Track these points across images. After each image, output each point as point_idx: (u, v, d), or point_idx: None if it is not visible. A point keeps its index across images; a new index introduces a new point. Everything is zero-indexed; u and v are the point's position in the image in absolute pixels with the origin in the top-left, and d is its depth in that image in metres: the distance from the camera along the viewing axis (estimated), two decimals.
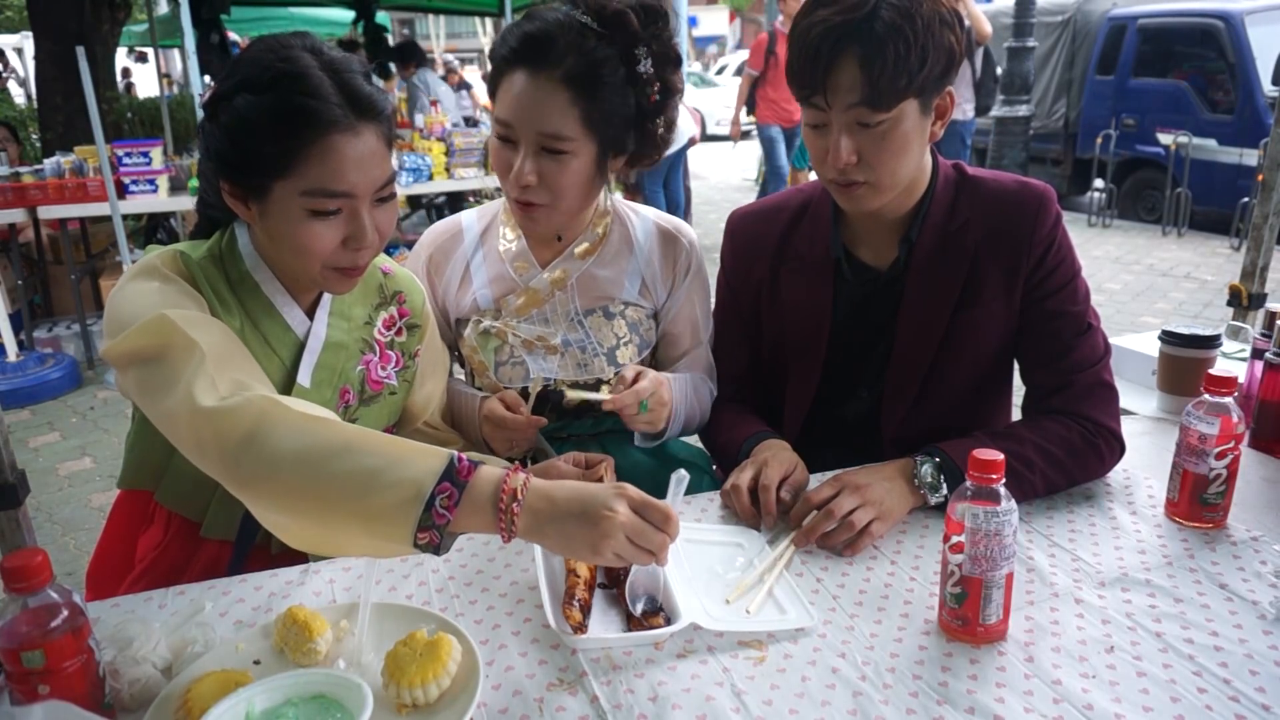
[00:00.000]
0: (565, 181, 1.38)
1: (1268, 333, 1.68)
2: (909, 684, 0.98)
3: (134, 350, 1.07)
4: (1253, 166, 7.04)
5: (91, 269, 5.51)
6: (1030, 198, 1.42)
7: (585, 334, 1.54)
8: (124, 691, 0.95)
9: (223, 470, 0.98)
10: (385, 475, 0.92)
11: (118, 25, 7.58)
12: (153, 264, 1.17)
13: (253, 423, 0.96)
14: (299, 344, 1.27)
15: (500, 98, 1.38)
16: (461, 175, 5.68)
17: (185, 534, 1.32)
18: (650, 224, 1.61)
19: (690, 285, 1.61)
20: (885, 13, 1.24)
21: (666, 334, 1.63)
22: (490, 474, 0.96)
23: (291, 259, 1.19)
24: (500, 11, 8.31)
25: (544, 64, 1.33)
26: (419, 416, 1.47)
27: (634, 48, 1.37)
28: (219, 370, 1.02)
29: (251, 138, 1.11)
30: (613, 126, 1.39)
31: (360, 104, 1.14)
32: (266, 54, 1.14)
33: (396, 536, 0.92)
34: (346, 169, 1.13)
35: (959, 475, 1.25)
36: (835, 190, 1.39)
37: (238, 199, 1.18)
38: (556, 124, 1.34)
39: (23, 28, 14.16)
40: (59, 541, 3.22)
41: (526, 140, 1.36)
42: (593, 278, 1.55)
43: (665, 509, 0.98)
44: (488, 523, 0.94)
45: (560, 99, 1.33)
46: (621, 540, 0.94)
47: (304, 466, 0.93)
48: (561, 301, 1.55)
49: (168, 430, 1.05)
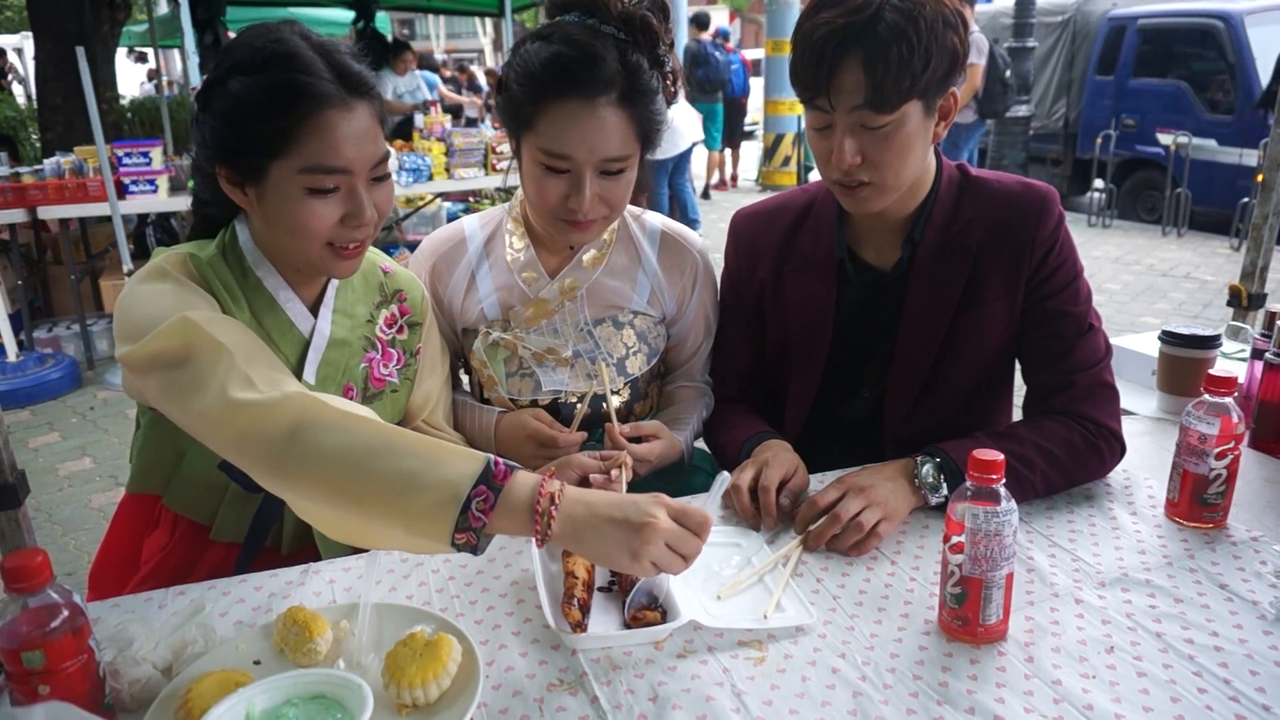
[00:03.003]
0: (621, 195, 1.38)
1: (1268, 333, 1.68)
2: (909, 684, 0.98)
3: (157, 354, 1.07)
4: (1252, 166, 7.04)
5: (91, 269, 5.51)
6: (1033, 199, 1.42)
7: (595, 344, 1.53)
8: (124, 692, 0.95)
9: (266, 463, 0.98)
10: (423, 477, 0.93)
11: (118, 25, 7.56)
12: (162, 266, 1.17)
13: (295, 418, 0.97)
14: (304, 341, 1.27)
15: (547, 129, 1.30)
16: (461, 175, 5.68)
17: (192, 536, 1.32)
18: (657, 231, 1.60)
19: (700, 294, 1.61)
20: (889, 15, 1.24)
21: (678, 336, 1.63)
22: (527, 478, 0.97)
23: (290, 242, 1.19)
24: (500, 11, 8.31)
25: (596, 89, 1.28)
26: (418, 415, 1.47)
27: (657, 49, 1.36)
28: (250, 366, 1.03)
29: (247, 118, 1.12)
30: (654, 130, 1.38)
31: (351, 80, 1.15)
32: (257, 38, 1.15)
33: (434, 535, 0.93)
34: (342, 145, 1.13)
35: (959, 475, 1.25)
36: (839, 192, 1.39)
37: (235, 185, 1.18)
38: (618, 147, 1.32)
39: (23, 28, 14.16)
40: (59, 541, 3.22)
41: (586, 168, 1.32)
42: (602, 287, 1.54)
43: (702, 515, 0.99)
44: (523, 526, 0.95)
45: (619, 120, 1.31)
46: (660, 547, 0.95)
47: (346, 464, 0.95)
48: (570, 312, 1.53)
49: (201, 429, 1.05)
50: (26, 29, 10.97)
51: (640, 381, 1.59)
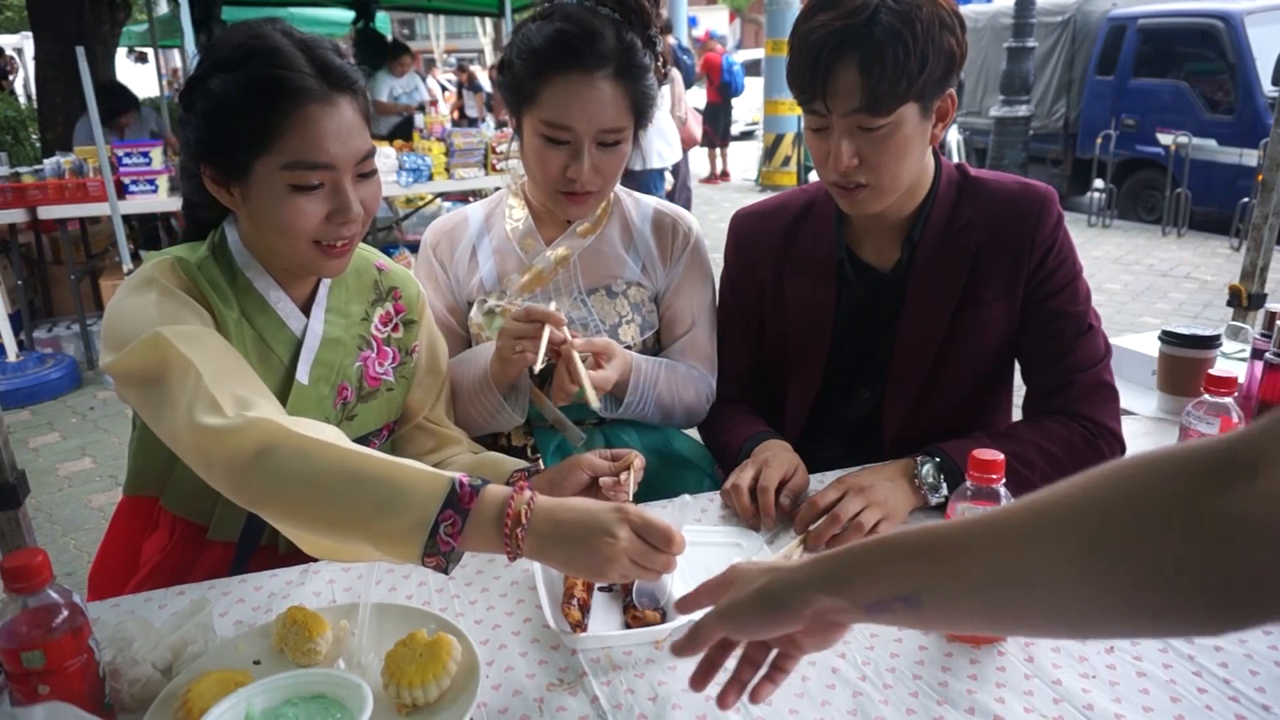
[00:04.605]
0: (616, 167, 1.46)
1: (1268, 333, 1.68)
2: (909, 684, 0.98)
3: (132, 370, 1.08)
4: (1253, 166, 7.04)
5: (91, 269, 5.51)
6: (1032, 199, 1.42)
7: (588, 312, 1.55)
8: (124, 692, 0.95)
9: (233, 487, 0.99)
10: (389, 504, 0.93)
11: (118, 25, 7.57)
12: (150, 275, 1.16)
13: (258, 445, 0.97)
14: (296, 341, 1.27)
15: (549, 101, 1.38)
16: (461, 175, 5.68)
17: (190, 537, 1.32)
18: (649, 209, 1.64)
19: (688, 267, 1.60)
20: (885, 17, 1.23)
21: (665, 316, 1.62)
22: (494, 496, 0.96)
23: (277, 240, 1.18)
24: (500, 11, 8.30)
25: (595, 63, 1.36)
26: (418, 413, 1.47)
27: (649, 29, 1.44)
28: (218, 386, 1.02)
29: (229, 115, 1.12)
30: (647, 105, 1.45)
31: (332, 75, 1.15)
32: (238, 35, 1.15)
33: (404, 557, 0.94)
34: (325, 140, 1.13)
35: (959, 475, 1.25)
36: (837, 193, 1.40)
37: (220, 184, 1.17)
38: (614, 118, 1.40)
39: (23, 28, 14.16)
40: (59, 541, 3.22)
41: (586, 138, 1.39)
42: (596, 254, 1.57)
43: (666, 530, 0.95)
44: (494, 544, 0.95)
45: (615, 93, 1.39)
46: (625, 564, 0.94)
47: (310, 490, 0.95)
48: (565, 280, 1.55)
49: (174, 447, 1.06)
50: (26, 29, 10.98)
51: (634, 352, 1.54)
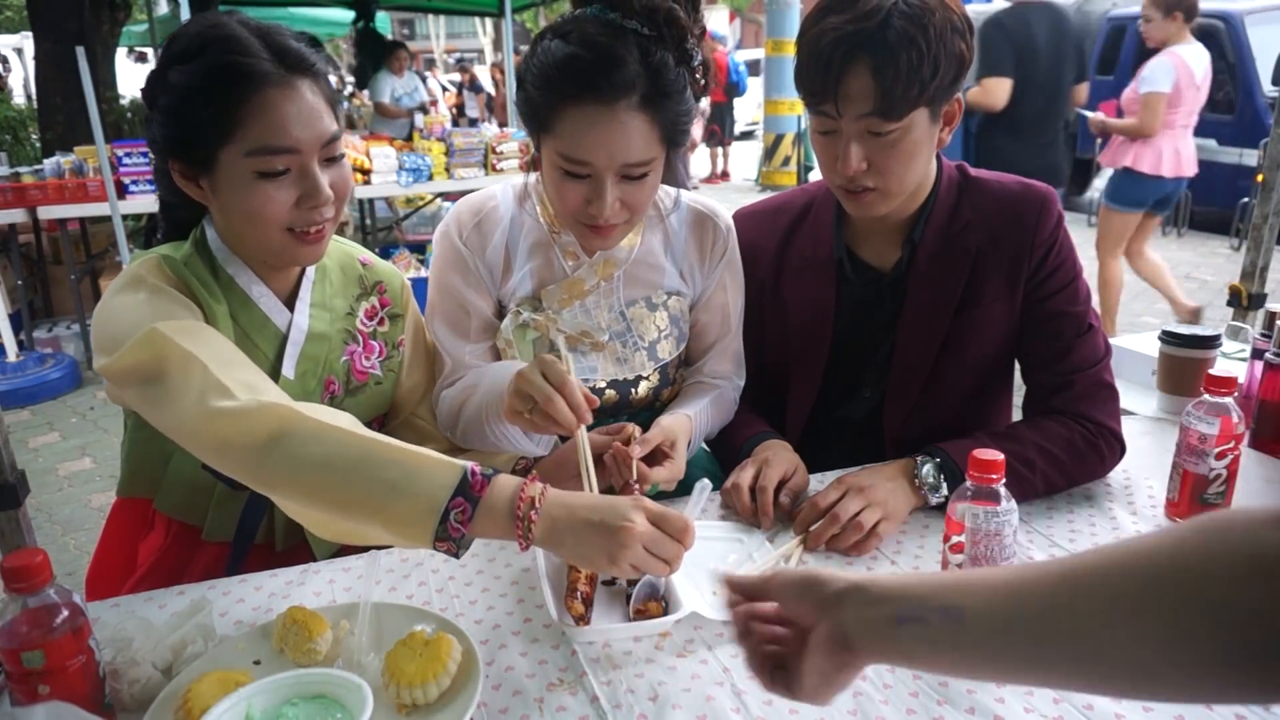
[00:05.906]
0: (645, 198, 1.31)
1: (1268, 333, 1.68)
2: (909, 684, 0.98)
3: (130, 368, 1.07)
4: (1253, 166, 7.04)
5: (91, 269, 5.51)
6: (1032, 199, 1.42)
7: (627, 326, 1.47)
8: (124, 692, 0.95)
9: (247, 470, 0.99)
10: (401, 488, 0.94)
11: (118, 25, 7.57)
12: (137, 274, 1.16)
13: (274, 427, 0.97)
14: (281, 336, 1.27)
15: (565, 132, 1.23)
16: (461, 175, 5.68)
17: (185, 537, 1.32)
18: (684, 207, 1.52)
19: (724, 270, 1.53)
20: (898, 22, 1.22)
21: (696, 323, 1.54)
22: (506, 484, 0.97)
23: (249, 230, 1.17)
24: (500, 11, 8.31)
25: (616, 93, 1.19)
26: (407, 408, 1.47)
27: (685, 42, 1.25)
28: (226, 374, 1.02)
29: (189, 105, 1.12)
30: (681, 129, 1.30)
31: (290, 58, 1.14)
32: (194, 27, 1.15)
33: (416, 541, 0.95)
34: (287, 123, 1.12)
35: (959, 475, 1.24)
36: (843, 196, 1.39)
37: (189, 179, 1.17)
38: (640, 151, 1.23)
39: (23, 28, 14.15)
40: (59, 541, 3.22)
41: (607, 174, 1.25)
42: (639, 265, 1.48)
43: (683, 520, 0.98)
44: (505, 530, 0.96)
45: (640, 125, 1.22)
46: (639, 551, 0.95)
47: (325, 474, 0.96)
48: (606, 293, 1.46)
49: (181, 438, 1.05)
50: (26, 29, 10.97)
51: (669, 367, 1.52)
